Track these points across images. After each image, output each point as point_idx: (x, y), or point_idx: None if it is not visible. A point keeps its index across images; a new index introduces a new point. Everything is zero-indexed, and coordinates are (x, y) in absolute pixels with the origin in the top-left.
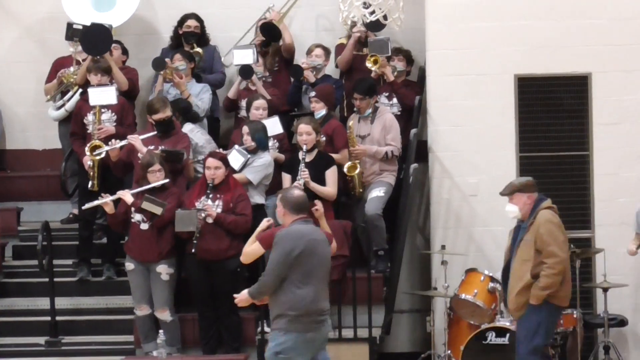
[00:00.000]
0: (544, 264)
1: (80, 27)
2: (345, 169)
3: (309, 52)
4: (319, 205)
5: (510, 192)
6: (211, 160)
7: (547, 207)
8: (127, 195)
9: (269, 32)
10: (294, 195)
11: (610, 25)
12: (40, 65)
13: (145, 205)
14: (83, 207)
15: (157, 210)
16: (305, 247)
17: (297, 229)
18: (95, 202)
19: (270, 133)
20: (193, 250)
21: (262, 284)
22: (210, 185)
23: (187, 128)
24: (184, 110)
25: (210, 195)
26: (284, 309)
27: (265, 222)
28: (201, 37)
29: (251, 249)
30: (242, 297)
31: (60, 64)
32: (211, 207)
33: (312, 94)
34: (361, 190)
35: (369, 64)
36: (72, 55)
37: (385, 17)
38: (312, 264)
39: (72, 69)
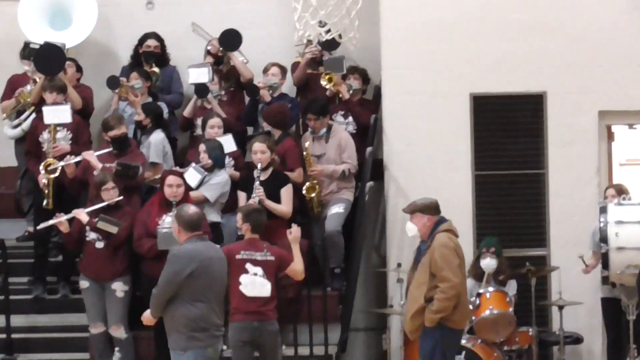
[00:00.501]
0: (438, 288)
1: (37, 46)
2: (304, 191)
3: (265, 70)
4: (294, 230)
5: (410, 210)
6: (172, 178)
7: (444, 230)
8: (82, 215)
9: (229, 41)
10: (188, 213)
11: (565, 45)
12: None
13: (101, 224)
14: (38, 227)
15: (113, 229)
16: (197, 267)
17: (191, 248)
18: (50, 222)
19: (225, 151)
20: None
21: (152, 299)
22: (174, 203)
23: (159, 137)
24: (157, 116)
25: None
26: (178, 326)
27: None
28: (161, 56)
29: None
30: (146, 316)
31: (15, 81)
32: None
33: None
34: (319, 209)
35: (323, 82)
36: (28, 74)
37: (340, 36)
38: (204, 283)
39: (29, 87)
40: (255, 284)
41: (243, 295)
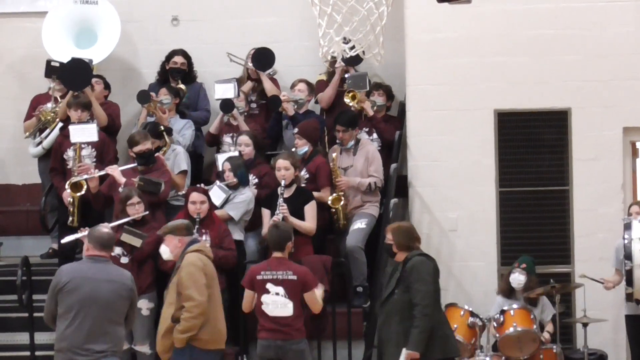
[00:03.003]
0: (184, 308)
1: (58, 64)
2: (329, 201)
3: (292, 86)
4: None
5: (163, 233)
6: (196, 195)
7: (195, 250)
8: (107, 229)
9: (263, 59)
10: (100, 231)
11: (589, 61)
12: (19, 101)
13: (125, 237)
14: (62, 241)
15: (137, 242)
16: (68, 284)
17: (74, 266)
18: (74, 236)
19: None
20: None
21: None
22: (197, 219)
23: (177, 150)
24: (159, 134)
25: (198, 230)
26: (55, 342)
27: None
28: (188, 73)
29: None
30: None
31: (38, 101)
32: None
33: (295, 130)
34: (344, 222)
35: (347, 100)
36: (50, 92)
37: (364, 53)
38: (75, 302)
39: (49, 105)
40: (276, 303)
41: (266, 315)
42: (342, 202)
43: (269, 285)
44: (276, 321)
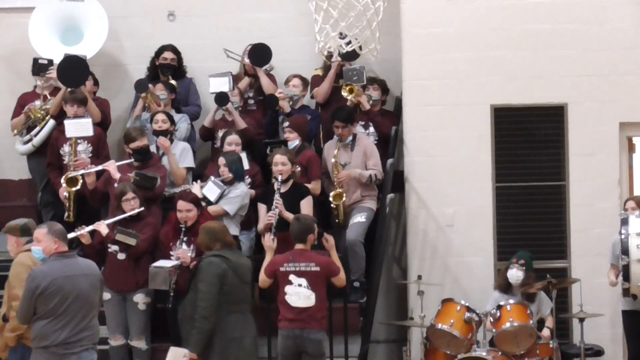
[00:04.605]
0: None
1: (46, 61)
2: (330, 197)
3: (286, 82)
4: (329, 238)
5: (4, 232)
6: (182, 203)
7: (27, 249)
8: (102, 227)
9: (259, 55)
10: (59, 226)
11: (586, 56)
12: (9, 97)
13: (119, 237)
14: (68, 235)
15: (131, 241)
16: (49, 286)
17: (48, 267)
18: (72, 234)
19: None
20: (169, 306)
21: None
22: (183, 228)
23: (182, 146)
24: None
25: (185, 239)
26: (34, 342)
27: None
28: (177, 69)
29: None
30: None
31: (25, 99)
32: (186, 252)
33: (286, 124)
34: (343, 218)
35: (344, 93)
36: (37, 91)
37: (360, 48)
38: (59, 302)
39: (37, 103)
40: (299, 294)
41: (288, 305)
42: (343, 199)
43: (291, 277)
44: (297, 311)
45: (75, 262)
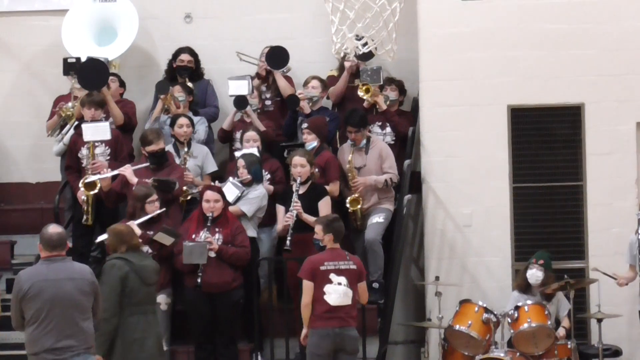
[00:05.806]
0: None
1: (74, 60)
2: (347, 204)
3: (305, 83)
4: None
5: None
6: (210, 194)
7: None
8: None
9: (277, 58)
10: (48, 232)
11: (602, 56)
12: (36, 98)
13: (158, 236)
14: (96, 240)
15: (168, 241)
16: (29, 290)
17: (32, 271)
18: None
19: None
20: (199, 281)
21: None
22: (210, 218)
23: (205, 150)
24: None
25: (210, 228)
26: (27, 348)
27: None
28: (195, 71)
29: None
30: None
31: (61, 101)
32: (212, 240)
33: (305, 125)
34: (361, 222)
35: (361, 93)
36: (71, 91)
37: (377, 49)
38: (40, 306)
39: (70, 103)
40: (339, 292)
41: (326, 304)
42: (360, 205)
43: (332, 276)
44: (335, 309)
45: (63, 265)
